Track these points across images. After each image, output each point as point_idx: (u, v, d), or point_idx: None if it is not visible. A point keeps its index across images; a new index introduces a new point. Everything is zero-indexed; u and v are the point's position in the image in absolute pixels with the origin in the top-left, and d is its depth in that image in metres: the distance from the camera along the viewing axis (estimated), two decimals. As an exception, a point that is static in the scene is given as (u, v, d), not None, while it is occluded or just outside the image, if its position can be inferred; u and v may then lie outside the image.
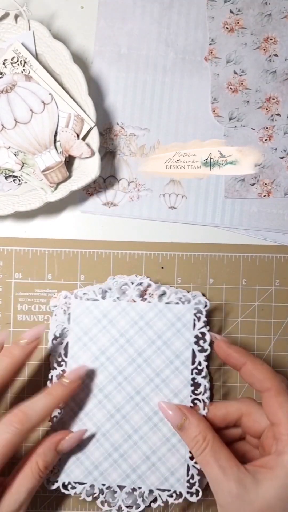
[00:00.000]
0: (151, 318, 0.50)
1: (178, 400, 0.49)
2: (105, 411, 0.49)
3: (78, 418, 0.49)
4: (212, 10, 0.54)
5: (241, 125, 0.54)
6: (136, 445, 0.49)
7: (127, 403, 0.49)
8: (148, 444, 0.48)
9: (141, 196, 0.54)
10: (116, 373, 0.49)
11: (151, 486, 0.48)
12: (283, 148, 0.54)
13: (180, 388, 0.49)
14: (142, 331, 0.50)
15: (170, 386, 0.49)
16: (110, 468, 0.49)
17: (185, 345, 0.49)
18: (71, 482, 0.49)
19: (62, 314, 0.51)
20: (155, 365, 0.49)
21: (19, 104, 0.50)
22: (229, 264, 0.53)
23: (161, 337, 0.49)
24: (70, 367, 0.50)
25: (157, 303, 0.50)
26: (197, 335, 0.49)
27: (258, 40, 0.54)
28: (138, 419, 0.49)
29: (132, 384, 0.49)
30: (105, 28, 0.54)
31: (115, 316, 0.50)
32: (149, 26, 0.54)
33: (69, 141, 0.51)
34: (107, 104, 0.54)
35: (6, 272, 0.53)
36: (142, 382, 0.49)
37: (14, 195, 0.52)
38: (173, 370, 0.49)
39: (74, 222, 0.54)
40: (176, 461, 0.48)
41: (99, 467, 0.49)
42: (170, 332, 0.49)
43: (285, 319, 0.53)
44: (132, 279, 0.52)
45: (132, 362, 0.49)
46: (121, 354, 0.50)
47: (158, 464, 0.48)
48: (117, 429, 0.49)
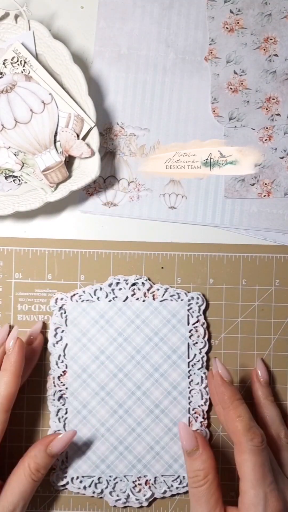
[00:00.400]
0: (147, 316, 0.52)
1: (177, 392, 0.51)
2: (108, 407, 0.51)
3: (82, 416, 0.51)
4: (212, 10, 0.54)
5: (241, 125, 0.54)
6: (140, 437, 0.51)
7: (128, 399, 0.51)
8: (151, 435, 0.51)
9: (141, 196, 0.54)
10: (116, 371, 0.51)
11: (156, 474, 0.51)
12: (283, 148, 0.54)
13: (178, 381, 0.51)
14: (139, 329, 0.51)
15: (168, 379, 0.51)
16: (116, 461, 0.51)
17: (180, 340, 0.51)
18: (79, 476, 0.50)
19: (59, 317, 0.52)
20: (153, 361, 0.51)
21: (19, 104, 0.50)
22: (229, 264, 0.53)
23: (158, 334, 0.51)
24: (71, 367, 0.51)
25: (152, 301, 0.52)
26: (191, 330, 0.52)
27: (258, 40, 0.54)
28: (140, 413, 0.51)
29: (133, 380, 0.51)
30: (105, 28, 0.54)
31: (112, 316, 0.52)
32: (149, 26, 0.54)
33: (69, 141, 0.51)
34: (107, 104, 0.54)
35: (6, 272, 0.53)
36: (142, 378, 0.51)
37: (14, 195, 0.52)
38: (170, 364, 0.51)
39: (74, 222, 0.54)
40: (178, 448, 0.51)
41: (106, 460, 0.51)
42: (166, 328, 0.51)
43: (285, 319, 0.53)
44: (127, 279, 0.52)
45: (131, 359, 0.51)
46: (120, 352, 0.51)
47: (161, 453, 0.51)
48: (121, 424, 0.51)
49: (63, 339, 0.51)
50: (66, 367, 0.51)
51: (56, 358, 0.51)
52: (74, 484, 0.51)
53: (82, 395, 0.51)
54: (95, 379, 0.51)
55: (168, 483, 0.51)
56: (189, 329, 0.52)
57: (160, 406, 0.51)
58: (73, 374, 0.51)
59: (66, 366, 0.51)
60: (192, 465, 0.46)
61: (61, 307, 0.52)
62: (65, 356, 0.51)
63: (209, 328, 0.53)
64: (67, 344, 0.51)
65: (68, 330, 0.51)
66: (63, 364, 0.51)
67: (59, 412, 0.51)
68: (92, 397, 0.51)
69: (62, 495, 0.51)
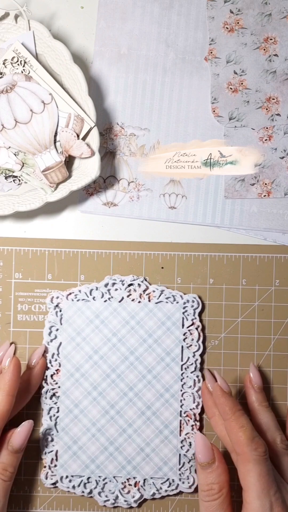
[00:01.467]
0: (142, 317, 0.52)
1: (169, 395, 0.51)
2: (100, 407, 0.51)
3: (74, 415, 0.51)
4: (212, 10, 0.54)
5: (241, 125, 0.54)
6: (130, 438, 0.51)
7: (120, 399, 0.51)
8: (142, 437, 0.51)
9: (141, 196, 0.54)
10: (109, 371, 0.51)
11: (146, 476, 0.51)
12: (283, 148, 0.54)
13: (171, 384, 0.51)
14: (134, 330, 0.52)
15: (161, 381, 0.51)
16: (106, 461, 0.51)
17: (174, 342, 0.52)
18: (68, 475, 0.50)
19: (54, 315, 0.52)
20: (146, 362, 0.51)
21: (19, 104, 0.50)
22: (229, 264, 0.53)
23: (152, 336, 0.52)
24: (64, 366, 0.51)
25: (147, 303, 0.52)
26: (186, 332, 0.52)
27: (258, 40, 0.54)
28: (132, 414, 0.51)
29: (125, 381, 0.51)
30: (105, 28, 0.54)
31: (107, 317, 0.52)
32: (149, 26, 0.54)
33: (69, 141, 0.51)
34: (107, 104, 0.54)
35: (6, 272, 0.53)
36: (134, 379, 0.51)
37: (14, 195, 0.52)
38: (164, 366, 0.51)
39: (74, 222, 0.54)
40: (168, 451, 0.51)
41: (96, 460, 0.51)
42: (161, 330, 0.52)
43: (285, 319, 0.53)
44: (123, 279, 0.52)
45: (125, 360, 0.51)
46: (113, 353, 0.51)
47: (152, 455, 0.51)
48: (112, 424, 0.51)
49: (57, 337, 0.52)
50: (59, 366, 0.51)
51: (50, 356, 0.51)
52: (63, 483, 0.51)
53: (75, 394, 0.51)
54: (88, 378, 0.51)
55: (157, 485, 0.51)
56: (183, 331, 0.52)
57: (152, 408, 0.51)
58: (66, 373, 0.51)
59: (60, 364, 0.51)
60: (207, 478, 0.46)
61: (57, 306, 0.52)
62: (58, 355, 0.51)
63: (205, 331, 0.52)
64: (61, 342, 0.51)
65: (63, 328, 0.52)
66: (56, 363, 0.51)
67: (50, 410, 0.51)
68: (84, 396, 0.51)
69: (62, 495, 0.51)
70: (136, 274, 0.53)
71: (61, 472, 0.51)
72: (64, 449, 0.51)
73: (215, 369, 0.52)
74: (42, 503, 0.51)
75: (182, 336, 0.52)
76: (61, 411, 0.51)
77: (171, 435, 0.51)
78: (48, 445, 0.51)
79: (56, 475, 0.51)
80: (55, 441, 0.51)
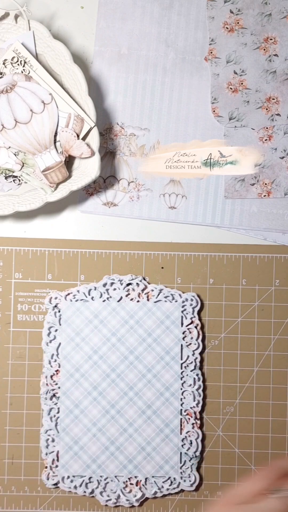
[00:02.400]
0: (141, 317, 0.52)
1: (169, 393, 0.51)
2: (100, 407, 0.51)
3: (74, 415, 0.51)
4: (212, 10, 0.54)
5: (241, 125, 0.54)
6: (131, 437, 0.51)
7: (121, 399, 0.51)
8: (142, 436, 0.51)
9: (141, 196, 0.54)
10: (109, 371, 0.51)
11: (147, 475, 0.51)
12: (283, 148, 0.54)
13: (171, 382, 0.51)
14: (133, 330, 0.52)
15: (161, 380, 0.51)
16: (108, 461, 0.51)
17: (174, 341, 0.52)
18: (70, 476, 0.50)
19: (53, 316, 0.52)
20: (146, 362, 0.52)
21: (19, 104, 0.50)
22: (229, 264, 0.53)
23: (151, 335, 0.52)
24: (64, 367, 0.51)
25: (146, 302, 0.52)
26: (185, 331, 0.52)
27: (258, 40, 0.54)
28: (132, 413, 0.51)
29: (125, 380, 0.51)
30: (105, 28, 0.54)
31: (106, 316, 0.52)
32: (149, 26, 0.54)
33: (69, 141, 0.51)
34: (107, 104, 0.54)
35: (6, 272, 0.53)
36: (134, 378, 0.51)
37: (14, 195, 0.52)
38: (163, 365, 0.52)
39: (74, 222, 0.54)
40: (169, 450, 0.51)
41: (97, 460, 0.51)
42: (160, 329, 0.52)
43: (285, 319, 0.53)
44: (121, 279, 0.52)
45: (124, 359, 0.51)
46: (113, 352, 0.52)
47: (153, 454, 0.51)
48: (113, 424, 0.51)
49: (56, 338, 0.52)
50: (59, 366, 0.51)
51: (49, 357, 0.51)
52: (65, 484, 0.51)
53: (75, 394, 0.51)
54: (88, 378, 0.51)
55: (158, 484, 0.51)
56: (182, 330, 0.52)
57: (152, 407, 0.51)
58: (66, 373, 0.51)
59: (59, 365, 0.51)
60: None
61: (56, 306, 0.52)
62: (58, 355, 0.51)
63: (204, 329, 0.53)
64: (61, 343, 0.51)
65: (62, 329, 0.52)
66: (56, 363, 0.51)
67: (51, 411, 0.51)
68: (85, 396, 0.51)
69: (62, 495, 0.51)
70: (136, 274, 0.53)
71: (63, 473, 0.51)
72: (65, 450, 0.51)
73: (215, 369, 0.52)
74: (42, 503, 0.51)
75: (181, 334, 0.52)
76: (62, 412, 0.51)
77: (172, 433, 0.51)
78: (49, 446, 0.51)
79: (58, 476, 0.51)
80: (56, 441, 0.51)
